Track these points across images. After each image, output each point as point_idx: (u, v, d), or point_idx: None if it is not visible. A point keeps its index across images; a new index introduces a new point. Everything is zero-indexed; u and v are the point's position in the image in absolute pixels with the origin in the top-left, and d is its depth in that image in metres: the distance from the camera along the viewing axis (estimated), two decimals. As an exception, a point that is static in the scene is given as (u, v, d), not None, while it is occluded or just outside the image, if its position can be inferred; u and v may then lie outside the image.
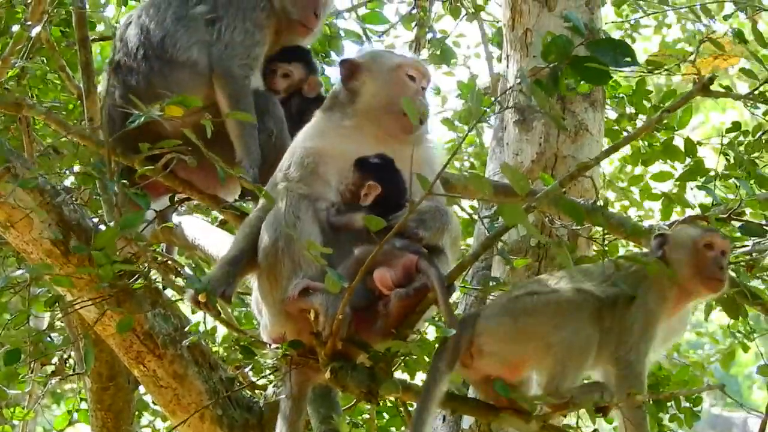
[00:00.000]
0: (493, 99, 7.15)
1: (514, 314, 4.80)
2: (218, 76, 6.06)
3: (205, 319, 5.49)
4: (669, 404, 6.25)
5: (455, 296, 5.71)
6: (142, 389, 7.62)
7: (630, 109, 7.72)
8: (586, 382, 4.87)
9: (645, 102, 7.52)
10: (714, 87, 4.31)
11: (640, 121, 7.67)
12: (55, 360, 8.06)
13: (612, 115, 7.77)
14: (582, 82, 5.47)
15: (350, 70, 5.33)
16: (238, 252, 5.11)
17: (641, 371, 4.77)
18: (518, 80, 4.52)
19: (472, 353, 4.81)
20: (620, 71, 5.86)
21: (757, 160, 6.02)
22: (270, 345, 5.14)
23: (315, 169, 5.16)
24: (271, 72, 6.37)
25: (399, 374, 5.27)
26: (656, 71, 5.13)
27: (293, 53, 6.43)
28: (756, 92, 4.40)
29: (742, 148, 6.21)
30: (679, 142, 6.95)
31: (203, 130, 5.11)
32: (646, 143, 7.33)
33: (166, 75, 6.01)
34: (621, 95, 7.57)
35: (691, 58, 4.79)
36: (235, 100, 6.02)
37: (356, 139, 5.18)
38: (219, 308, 4.97)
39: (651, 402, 5.33)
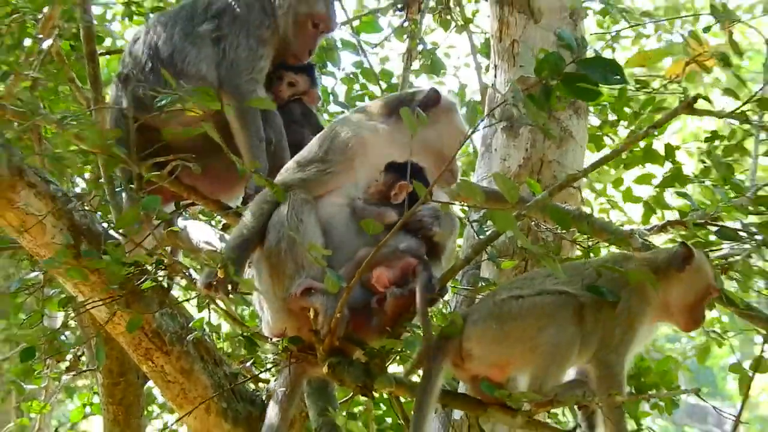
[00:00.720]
0: (485, 111, 7.12)
1: (500, 319, 4.76)
2: (226, 92, 6.05)
3: (210, 315, 5.48)
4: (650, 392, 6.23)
5: (447, 296, 5.68)
6: (150, 384, 7.59)
7: (612, 116, 7.71)
8: (568, 380, 4.85)
9: (626, 109, 7.51)
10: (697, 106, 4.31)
11: (622, 127, 7.67)
12: (69, 357, 8.06)
13: (595, 121, 7.76)
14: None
15: (434, 102, 5.29)
16: (244, 239, 5.05)
17: (620, 372, 4.73)
18: (510, 93, 4.51)
19: (462, 356, 4.79)
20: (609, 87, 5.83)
21: (732, 164, 6.01)
22: (271, 339, 5.13)
23: (353, 158, 5.14)
24: (277, 79, 6.38)
25: (395, 367, 5.26)
26: (643, 89, 5.09)
27: (301, 64, 6.44)
28: (738, 111, 4.37)
29: (719, 152, 6.20)
30: (658, 146, 6.95)
31: (210, 137, 5.08)
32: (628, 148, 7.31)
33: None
34: (604, 103, 7.56)
35: (677, 79, 4.76)
36: (243, 114, 5.99)
37: (401, 153, 5.07)
38: (229, 289, 4.89)
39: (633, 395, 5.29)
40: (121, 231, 5.84)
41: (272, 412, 5.13)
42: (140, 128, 5.71)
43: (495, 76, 6.72)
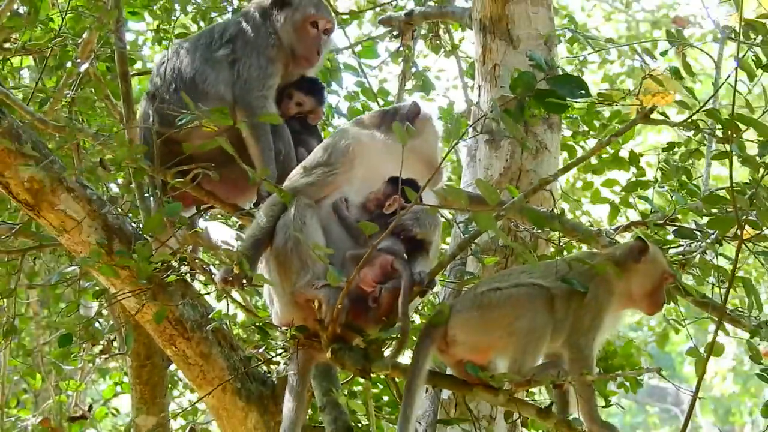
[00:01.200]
0: (468, 124, 7.12)
1: (481, 308, 4.78)
2: (240, 108, 6.07)
3: (228, 306, 5.49)
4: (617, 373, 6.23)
5: (435, 289, 5.70)
6: (173, 366, 7.59)
7: (582, 128, 7.71)
8: (543, 362, 4.86)
9: (595, 122, 7.52)
10: (654, 116, 4.34)
11: (591, 137, 7.67)
12: (102, 342, 8.06)
13: (567, 132, 7.75)
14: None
15: (416, 113, 5.39)
16: (257, 239, 5.08)
17: (590, 354, 4.76)
18: (490, 109, 4.55)
19: (447, 342, 4.81)
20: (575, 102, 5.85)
21: (688, 168, 6.04)
22: (280, 328, 5.15)
23: (353, 159, 5.18)
24: (286, 97, 6.36)
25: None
26: (606, 102, 5.14)
27: (311, 86, 6.44)
28: (689, 120, 4.39)
29: (677, 157, 6.21)
30: (623, 154, 6.97)
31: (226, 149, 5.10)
32: (597, 155, 7.33)
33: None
34: (574, 116, 7.56)
35: (635, 91, 4.78)
36: (255, 128, 6.02)
37: (392, 158, 5.10)
38: (244, 283, 4.94)
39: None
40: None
41: (288, 397, 5.16)
42: (166, 141, 5.72)
43: (479, 95, 6.71)
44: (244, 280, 4.92)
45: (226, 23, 6.49)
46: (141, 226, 6.12)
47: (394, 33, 8.93)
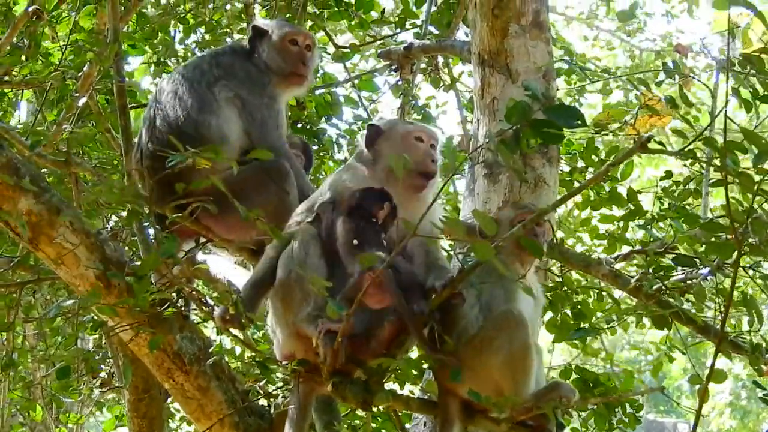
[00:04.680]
0: (466, 156, 7.13)
1: (473, 369, 4.81)
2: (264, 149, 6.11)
3: (227, 340, 5.46)
4: (616, 409, 6.20)
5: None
6: (171, 399, 7.54)
7: (581, 164, 7.71)
8: (545, 386, 4.84)
9: (593, 157, 7.52)
10: (651, 145, 4.32)
11: (589, 173, 7.66)
12: (103, 374, 8.05)
13: (565, 168, 7.75)
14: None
15: (373, 134, 5.37)
16: (258, 279, 5.12)
17: None
18: (487, 140, 4.54)
19: (468, 406, 4.88)
20: (571, 131, 5.84)
21: (687, 206, 6.03)
22: (281, 362, 5.13)
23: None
24: None
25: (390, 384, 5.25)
26: (602, 132, 5.12)
27: None
28: (686, 149, 4.37)
29: (675, 195, 6.20)
30: (622, 191, 6.98)
31: (230, 185, 5.11)
32: (595, 192, 7.34)
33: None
34: (573, 152, 7.56)
35: (631, 120, 4.77)
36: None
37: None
38: (243, 323, 4.96)
39: (603, 405, 5.30)
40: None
41: (288, 431, 5.13)
42: (167, 173, 5.67)
43: (477, 129, 6.71)
44: (243, 320, 4.91)
45: (212, 58, 6.43)
46: (140, 256, 6.08)
47: (394, 67, 8.95)
